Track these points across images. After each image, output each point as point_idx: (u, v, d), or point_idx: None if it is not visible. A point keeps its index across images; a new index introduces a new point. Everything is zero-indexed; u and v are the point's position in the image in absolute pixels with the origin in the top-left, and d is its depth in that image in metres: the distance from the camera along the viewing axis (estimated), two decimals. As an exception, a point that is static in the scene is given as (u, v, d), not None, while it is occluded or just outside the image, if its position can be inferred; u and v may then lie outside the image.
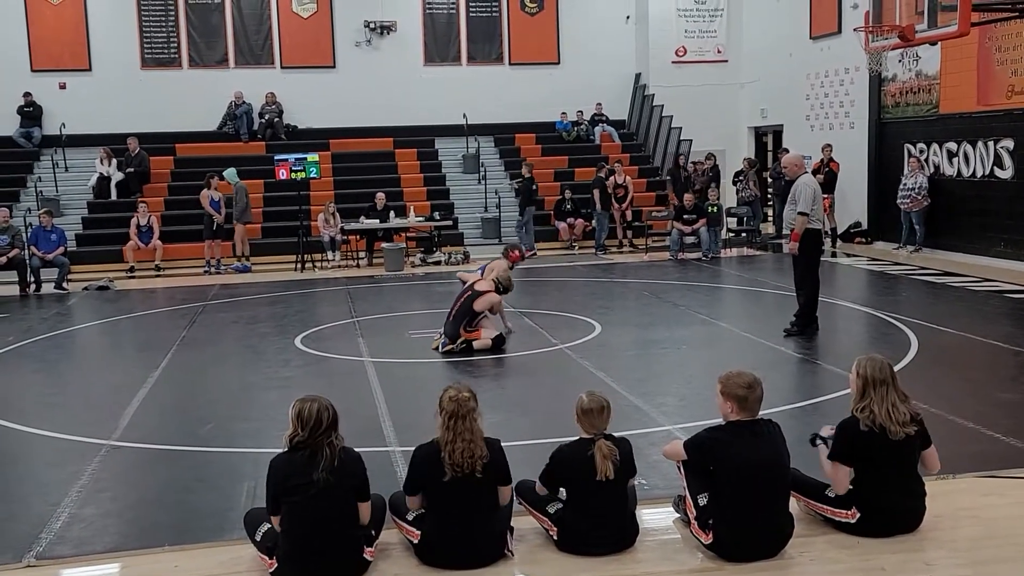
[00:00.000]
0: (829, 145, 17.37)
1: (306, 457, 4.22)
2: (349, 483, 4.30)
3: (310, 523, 4.22)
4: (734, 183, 19.09)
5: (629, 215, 18.21)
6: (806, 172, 9.57)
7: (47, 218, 15.13)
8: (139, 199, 17.31)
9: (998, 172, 14.41)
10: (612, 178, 18.18)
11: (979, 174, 14.80)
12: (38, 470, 6.20)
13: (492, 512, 4.47)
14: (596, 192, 17.65)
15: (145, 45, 20.24)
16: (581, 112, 21.49)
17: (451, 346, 9.14)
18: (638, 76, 22.18)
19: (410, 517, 4.52)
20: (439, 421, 4.44)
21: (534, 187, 17.98)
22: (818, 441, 4.80)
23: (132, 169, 18.43)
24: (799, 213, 9.07)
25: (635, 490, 4.79)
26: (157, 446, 6.51)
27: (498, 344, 9.26)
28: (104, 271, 15.64)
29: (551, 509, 4.64)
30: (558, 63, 21.88)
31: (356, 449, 4.47)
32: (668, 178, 18.81)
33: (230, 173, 16.92)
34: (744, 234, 18.06)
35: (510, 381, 8.42)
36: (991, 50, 14.31)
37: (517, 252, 10.58)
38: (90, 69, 19.96)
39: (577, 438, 4.62)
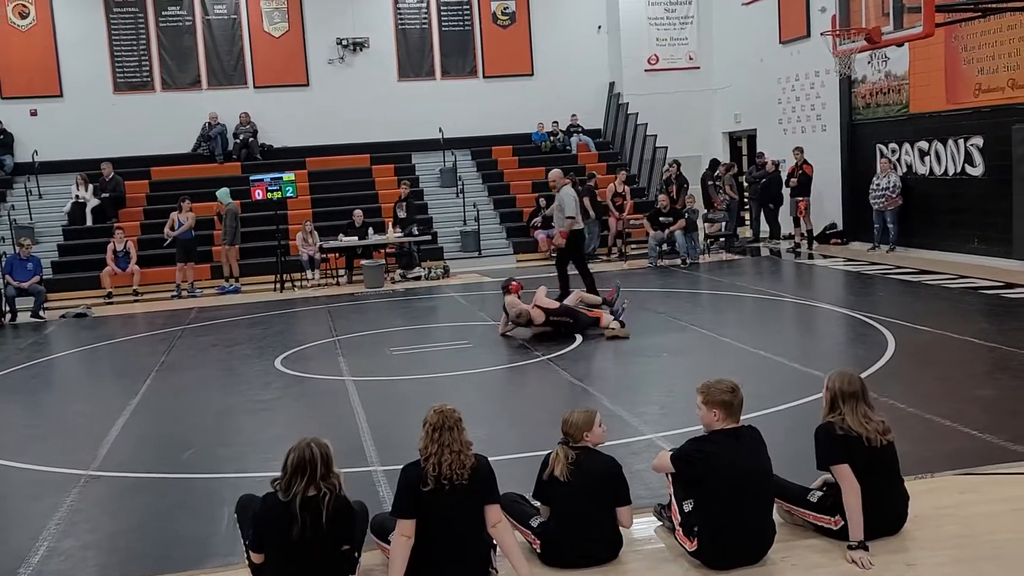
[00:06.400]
0: (799, 148, 17.49)
1: (290, 505, 4.03)
2: (336, 535, 4.13)
3: (296, 565, 4.10)
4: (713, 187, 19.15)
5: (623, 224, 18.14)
6: (567, 183, 11.99)
7: (25, 248, 14.96)
8: (115, 224, 17.21)
9: (969, 170, 14.56)
10: (611, 185, 18.21)
11: (951, 172, 14.94)
12: (15, 503, 6.13)
13: (477, 530, 4.43)
14: (587, 200, 17.13)
15: (117, 69, 20.17)
16: (557, 123, 21.56)
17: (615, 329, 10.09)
18: (612, 85, 22.29)
19: (391, 538, 4.47)
20: (422, 435, 4.35)
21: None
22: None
23: (107, 194, 18.33)
24: (567, 217, 11.56)
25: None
26: (137, 474, 6.46)
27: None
28: (81, 298, 15.53)
29: (534, 523, 4.64)
30: (532, 75, 21.98)
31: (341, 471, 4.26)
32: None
33: (223, 193, 16.74)
34: (722, 239, 18.12)
35: (494, 394, 8.42)
36: (958, 49, 14.47)
37: (516, 283, 10.78)
38: (61, 95, 19.86)
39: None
